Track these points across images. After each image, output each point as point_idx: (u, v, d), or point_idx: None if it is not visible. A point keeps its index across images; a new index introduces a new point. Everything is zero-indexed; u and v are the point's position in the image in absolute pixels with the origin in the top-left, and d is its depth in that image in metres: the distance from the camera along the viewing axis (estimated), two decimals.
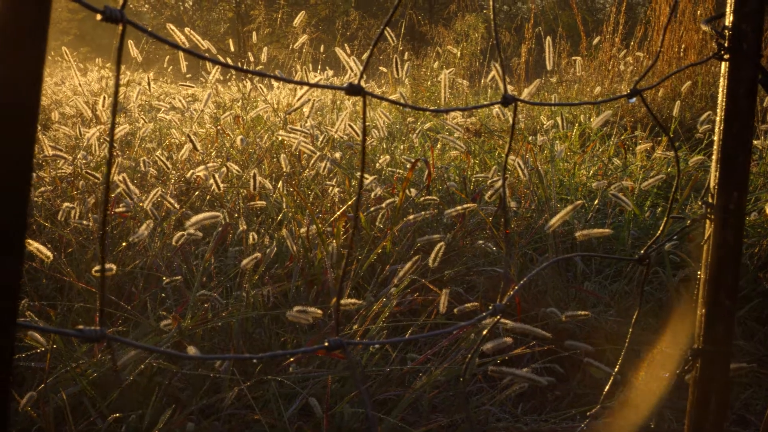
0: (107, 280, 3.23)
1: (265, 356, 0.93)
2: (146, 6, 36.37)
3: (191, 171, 4.00)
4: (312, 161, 3.86)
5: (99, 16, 0.76)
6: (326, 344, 0.95)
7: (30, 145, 0.69)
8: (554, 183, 4.37)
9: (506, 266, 1.80)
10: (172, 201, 3.19)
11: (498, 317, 1.31)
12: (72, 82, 11.07)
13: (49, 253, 2.44)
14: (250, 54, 8.65)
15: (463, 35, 12.09)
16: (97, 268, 2.40)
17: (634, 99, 1.41)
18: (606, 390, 2.13)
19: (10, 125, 0.67)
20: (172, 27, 3.46)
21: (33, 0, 0.66)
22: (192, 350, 2.44)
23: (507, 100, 1.12)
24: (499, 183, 3.42)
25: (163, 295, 3.19)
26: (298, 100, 3.31)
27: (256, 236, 3.31)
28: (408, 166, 4.27)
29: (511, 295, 1.60)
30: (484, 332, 1.47)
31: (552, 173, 4.45)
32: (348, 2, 24.68)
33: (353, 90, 0.91)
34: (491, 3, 1.06)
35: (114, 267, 2.39)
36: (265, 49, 6.29)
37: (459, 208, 3.31)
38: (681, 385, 1.77)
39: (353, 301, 2.49)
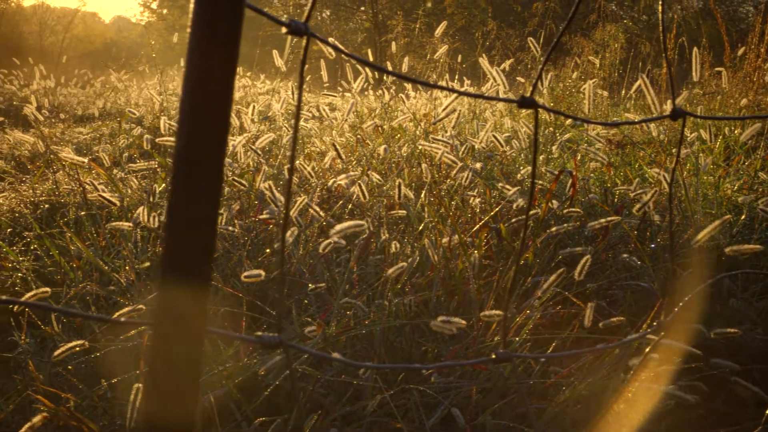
0: (252, 286, 3.29)
1: (432, 367, 0.94)
2: (285, 16, 36.99)
3: (333, 179, 4.05)
4: (454, 172, 3.86)
5: (284, 29, 0.77)
6: (493, 357, 0.95)
7: (222, 146, 0.71)
8: (698, 196, 4.28)
9: (660, 282, 1.77)
10: (317, 209, 3.23)
11: (662, 334, 1.29)
12: None
13: None
14: (388, 63, 8.71)
15: (602, 45, 11.93)
16: (247, 273, 2.45)
17: None
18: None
19: (204, 129, 0.69)
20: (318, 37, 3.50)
21: (227, 8, 0.68)
22: (336, 355, 2.47)
23: (677, 114, 1.10)
24: (646, 196, 3.37)
25: (306, 301, 3.24)
26: (444, 110, 3.32)
27: (398, 245, 3.33)
28: (548, 176, 4.23)
29: (658, 311, 1.57)
30: (647, 349, 1.45)
31: (696, 186, 4.35)
32: (485, 12, 24.64)
33: (526, 103, 0.91)
34: (660, 16, 1.04)
35: (263, 273, 2.44)
36: (406, 59, 6.33)
37: (603, 220, 3.27)
38: None
39: (497, 312, 2.48)
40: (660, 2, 1.07)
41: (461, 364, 1.17)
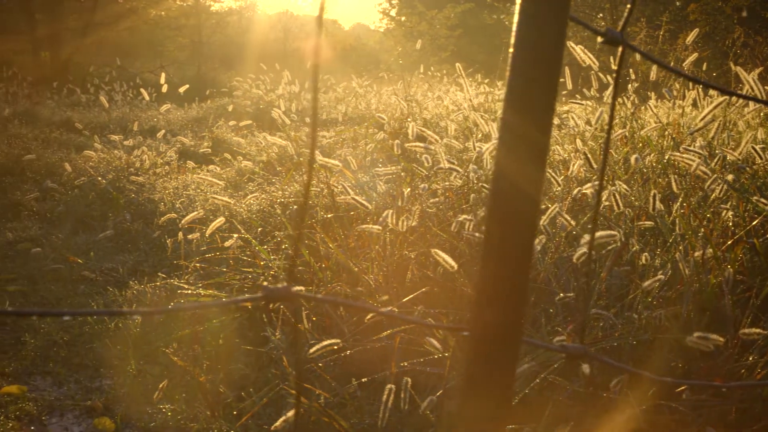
0: None
1: (736, 385, 0.91)
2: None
3: (577, 188, 4.00)
4: (707, 183, 3.75)
5: (600, 38, 0.77)
6: None
7: (545, 146, 0.71)
8: None
9: None
10: (567, 217, 3.20)
11: None
12: (452, 97, 11.36)
13: (453, 263, 2.53)
14: (631, 71, 8.54)
15: None
16: None
17: None
18: None
19: (529, 124, 0.70)
20: (572, 45, 3.48)
21: (553, 21, 0.68)
22: (585, 368, 2.44)
23: None
24: None
25: (551, 310, 3.22)
26: (702, 119, 3.23)
27: (648, 257, 3.26)
28: None
29: None
30: None
31: None
32: (730, 18, 23.77)
33: None
34: None
35: None
36: (654, 67, 6.19)
37: None
38: None
39: (757, 330, 2.39)
40: None
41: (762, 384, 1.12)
